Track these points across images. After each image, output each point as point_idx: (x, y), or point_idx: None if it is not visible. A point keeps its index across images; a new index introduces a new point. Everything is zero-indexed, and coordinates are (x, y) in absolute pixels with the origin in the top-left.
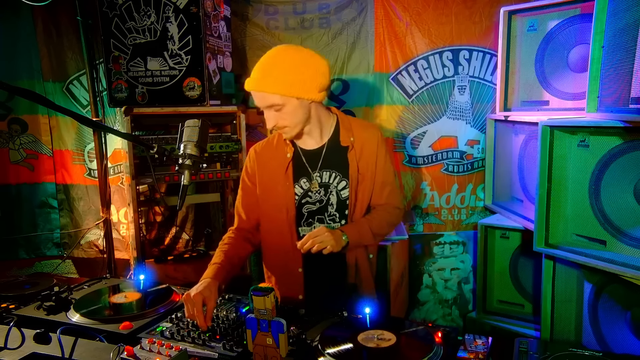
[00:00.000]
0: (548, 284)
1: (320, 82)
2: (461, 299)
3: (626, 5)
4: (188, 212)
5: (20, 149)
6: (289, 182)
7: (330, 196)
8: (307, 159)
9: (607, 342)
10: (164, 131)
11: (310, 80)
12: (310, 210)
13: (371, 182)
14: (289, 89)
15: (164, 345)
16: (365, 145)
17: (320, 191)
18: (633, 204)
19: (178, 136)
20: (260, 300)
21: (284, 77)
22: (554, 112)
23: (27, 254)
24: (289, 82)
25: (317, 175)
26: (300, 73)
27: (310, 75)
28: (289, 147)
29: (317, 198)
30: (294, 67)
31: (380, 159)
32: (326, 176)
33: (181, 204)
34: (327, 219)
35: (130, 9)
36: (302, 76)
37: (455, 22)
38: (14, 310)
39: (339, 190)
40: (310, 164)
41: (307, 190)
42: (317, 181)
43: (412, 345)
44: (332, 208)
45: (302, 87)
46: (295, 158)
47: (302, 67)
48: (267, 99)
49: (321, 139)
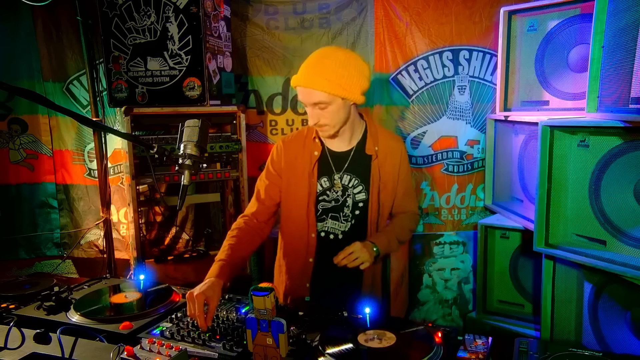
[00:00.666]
0: (548, 284)
1: (364, 85)
2: (461, 299)
3: (626, 5)
4: (188, 212)
5: (20, 149)
6: (314, 178)
7: (347, 198)
8: (333, 160)
9: (607, 342)
10: (164, 131)
11: (357, 82)
12: (325, 207)
13: (393, 191)
14: (337, 89)
15: (164, 345)
16: (389, 157)
17: (338, 192)
18: (633, 204)
19: (178, 136)
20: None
21: (333, 76)
22: (554, 112)
23: (27, 254)
24: (337, 82)
25: (338, 176)
26: (348, 74)
27: (357, 77)
28: (318, 146)
29: (334, 197)
30: (342, 68)
31: (403, 172)
32: (346, 179)
33: (181, 204)
34: (341, 218)
35: (130, 9)
36: (350, 77)
37: (455, 22)
38: (14, 310)
39: (354, 193)
40: (335, 165)
41: (326, 188)
42: (339, 182)
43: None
44: (348, 209)
45: (348, 87)
46: (322, 157)
47: (351, 68)
48: (314, 95)
49: (350, 142)
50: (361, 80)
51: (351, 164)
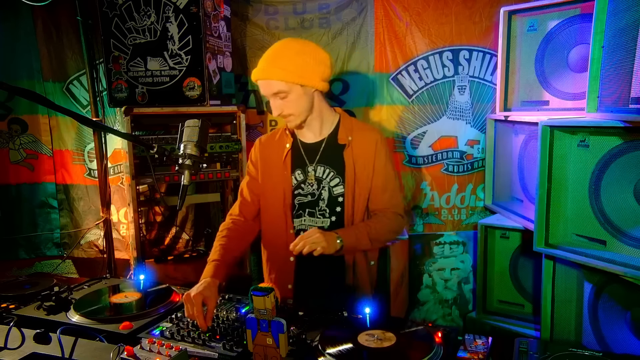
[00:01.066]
0: (548, 284)
1: (322, 70)
2: (461, 299)
3: (626, 5)
4: (188, 212)
5: (20, 149)
6: (287, 171)
7: (322, 191)
8: (306, 152)
9: (607, 342)
10: (164, 131)
11: (312, 67)
12: (301, 202)
13: (368, 184)
14: (293, 76)
15: (164, 345)
16: (363, 146)
17: (313, 184)
18: (633, 204)
19: (178, 136)
20: (260, 300)
21: (287, 64)
22: (554, 112)
23: (27, 254)
24: (291, 70)
25: (312, 168)
26: (303, 61)
27: (313, 64)
28: (289, 138)
29: (310, 191)
30: (297, 56)
31: (379, 162)
32: (320, 171)
33: (181, 204)
34: (317, 212)
35: (130, 9)
36: (305, 64)
37: (455, 22)
38: (14, 310)
39: (331, 186)
40: (308, 157)
41: (300, 182)
42: (312, 174)
43: (412, 345)
44: (323, 203)
45: (305, 74)
46: (294, 149)
47: (305, 56)
48: (272, 86)
49: (320, 133)
50: (319, 67)
51: (324, 155)
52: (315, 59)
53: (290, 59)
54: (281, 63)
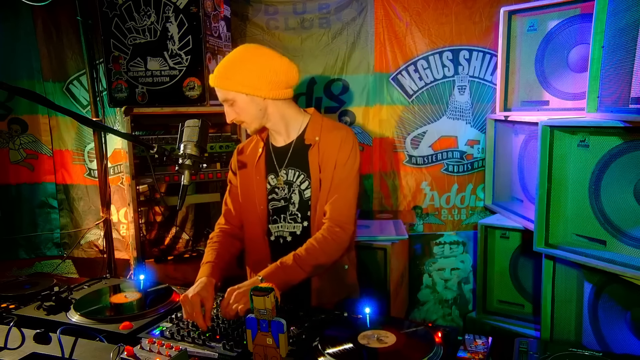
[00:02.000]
0: (548, 284)
1: (271, 79)
2: (461, 299)
3: (626, 5)
4: (188, 212)
5: (20, 149)
6: (260, 176)
7: (292, 195)
8: (276, 156)
9: (607, 342)
10: (164, 131)
11: (258, 76)
12: (275, 207)
13: (329, 184)
14: (235, 85)
15: (164, 345)
16: (328, 145)
17: (284, 188)
18: (633, 204)
19: (178, 136)
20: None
21: (232, 73)
22: (554, 112)
23: (27, 254)
24: (236, 78)
25: (283, 172)
26: (246, 69)
27: (257, 72)
28: (261, 143)
29: (282, 195)
30: (240, 64)
31: (340, 160)
32: (291, 174)
33: (181, 204)
34: (288, 217)
35: (130, 9)
36: (249, 72)
37: (455, 22)
38: (14, 310)
39: (302, 189)
40: (278, 161)
41: (274, 186)
42: (282, 177)
43: (412, 345)
44: (294, 207)
45: (248, 82)
46: (267, 154)
47: (250, 64)
48: (220, 94)
49: (288, 136)
50: (266, 74)
51: (292, 158)
52: (261, 65)
53: (235, 68)
54: (227, 72)
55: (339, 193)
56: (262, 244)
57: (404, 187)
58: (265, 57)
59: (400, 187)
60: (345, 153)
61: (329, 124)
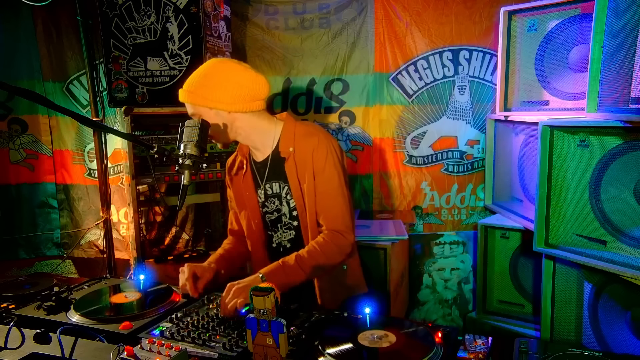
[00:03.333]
0: (548, 284)
1: (234, 93)
2: (461, 299)
3: (626, 5)
4: (188, 212)
5: (20, 149)
6: (250, 192)
7: (281, 206)
8: (257, 171)
9: (607, 342)
10: (164, 131)
11: (221, 90)
12: (270, 219)
13: (311, 191)
14: (198, 99)
15: (164, 345)
16: (302, 156)
17: (274, 201)
18: (633, 204)
19: (178, 136)
20: (260, 300)
21: (196, 87)
22: (554, 112)
23: (27, 254)
24: (197, 92)
25: (267, 186)
26: (211, 83)
27: (222, 86)
28: (243, 160)
29: (274, 207)
30: (205, 78)
31: (317, 170)
32: (276, 187)
33: (181, 204)
34: (283, 227)
35: (130, 9)
36: (213, 87)
37: (455, 22)
38: (14, 310)
39: (288, 200)
40: (260, 175)
41: (264, 200)
42: (263, 192)
43: (412, 345)
44: (286, 217)
45: (211, 97)
46: (251, 169)
47: (213, 78)
48: (188, 108)
49: (264, 150)
50: (228, 88)
51: (271, 171)
52: (228, 80)
53: (200, 82)
54: (192, 86)
55: (327, 202)
56: (263, 252)
57: (404, 187)
58: (229, 70)
59: (400, 187)
60: (320, 161)
61: (301, 130)
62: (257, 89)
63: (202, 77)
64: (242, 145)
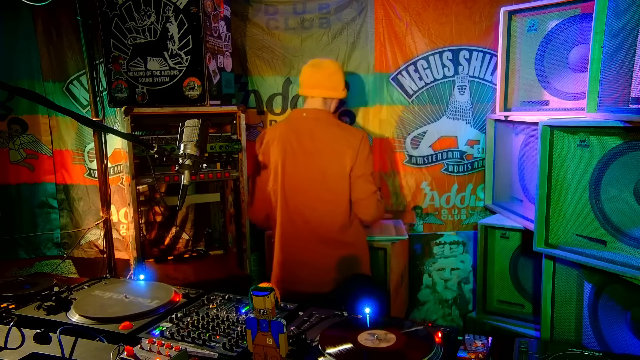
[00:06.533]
0: (548, 284)
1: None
2: (461, 299)
3: (626, 5)
4: (188, 212)
5: (20, 149)
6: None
7: None
8: None
9: (607, 342)
10: (164, 131)
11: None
12: None
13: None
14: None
15: (164, 345)
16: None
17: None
18: (633, 204)
19: (178, 136)
20: (260, 300)
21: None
22: (554, 112)
23: (27, 254)
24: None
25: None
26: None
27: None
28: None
29: None
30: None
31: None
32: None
33: (181, 204)
34: None
35: (130, 9)
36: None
37: (455, 22)
38: (14, 310)
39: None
40: None
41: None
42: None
43: (412, 345)
44: None
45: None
46: None
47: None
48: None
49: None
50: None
51: None
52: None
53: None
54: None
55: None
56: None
57: (404, 187)
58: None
59: (400, 187)
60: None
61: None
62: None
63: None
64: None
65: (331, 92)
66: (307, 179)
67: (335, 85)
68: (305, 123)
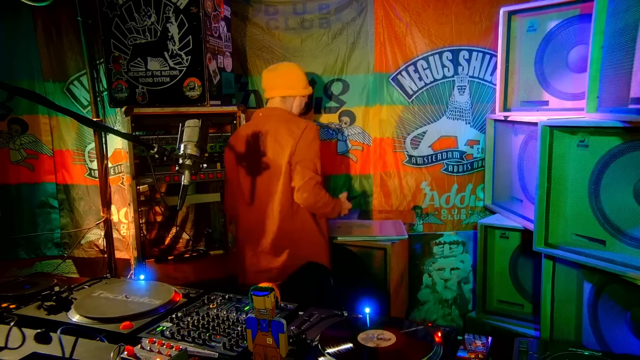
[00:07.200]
0: (548, 284)
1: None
2: (461, 299)
3: (626, 5)
4: (188, 212)
5: (20, 149)
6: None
7: None
8: None
9: (607, 342)
10: (164, 131)
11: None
12: None
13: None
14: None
15: (164, 345)
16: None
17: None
18: (633, 204)
19: (178, 136)
20: (260, 300)
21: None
22: (554, 112)
23: (27, 254)
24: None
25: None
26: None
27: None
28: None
29: None
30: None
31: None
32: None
33: (181, 204)
34: None
35: (130, 9)
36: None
37: (455, 22)
38: (14, 310)
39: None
40: None
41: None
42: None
43: (412, 345)
44: None
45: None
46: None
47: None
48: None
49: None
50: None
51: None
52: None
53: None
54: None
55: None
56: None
57: (403, 187)
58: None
59: (400, 187)
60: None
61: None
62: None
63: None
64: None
65: (288, 91)
66: (258, 172)
67: (291, 83)
68: (261, 121)
